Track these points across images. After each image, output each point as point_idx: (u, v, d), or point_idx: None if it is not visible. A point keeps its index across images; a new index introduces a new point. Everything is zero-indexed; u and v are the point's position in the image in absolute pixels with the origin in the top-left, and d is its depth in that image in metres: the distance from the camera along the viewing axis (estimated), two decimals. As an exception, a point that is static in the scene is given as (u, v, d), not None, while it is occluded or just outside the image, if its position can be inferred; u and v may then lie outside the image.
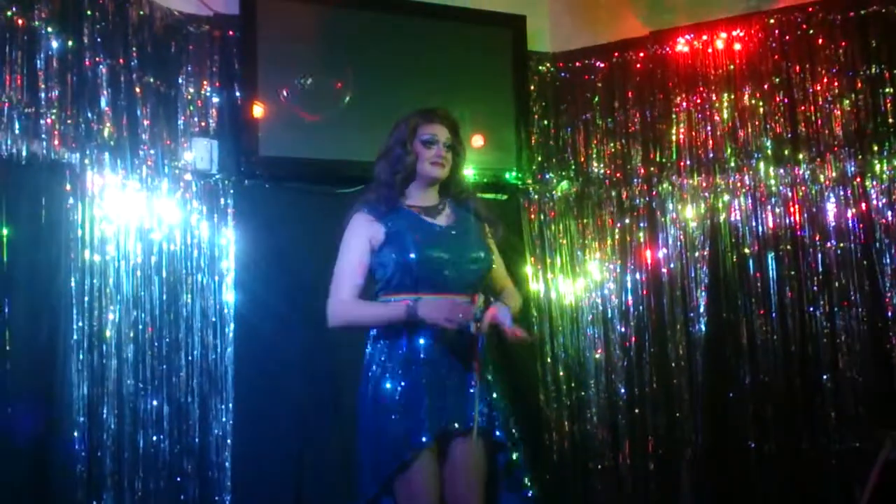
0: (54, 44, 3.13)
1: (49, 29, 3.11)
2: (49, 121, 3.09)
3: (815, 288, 3.75)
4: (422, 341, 2.56)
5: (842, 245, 3.73)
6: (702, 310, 3.95)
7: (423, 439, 2.47)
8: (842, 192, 3.75)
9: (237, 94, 3.68)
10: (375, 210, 2.65)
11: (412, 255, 2.55)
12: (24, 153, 2.98)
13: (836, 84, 3.78)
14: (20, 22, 3.02)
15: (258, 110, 3.59)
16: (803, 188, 3.83)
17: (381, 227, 2.61)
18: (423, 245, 2.57)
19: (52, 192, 3.10)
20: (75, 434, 3.06)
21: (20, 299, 2.94)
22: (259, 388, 3.53)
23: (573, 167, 4.28)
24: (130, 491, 3.21)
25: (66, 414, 3.04)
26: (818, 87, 3.82)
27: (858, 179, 3.72)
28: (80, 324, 3.13)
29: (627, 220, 4.15)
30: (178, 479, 3.36)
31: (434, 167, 2.68)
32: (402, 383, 2.53)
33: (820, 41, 3.83)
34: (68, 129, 3.16)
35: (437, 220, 2.68)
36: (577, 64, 4.32)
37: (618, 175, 4.20)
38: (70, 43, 3.19)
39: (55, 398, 3.04)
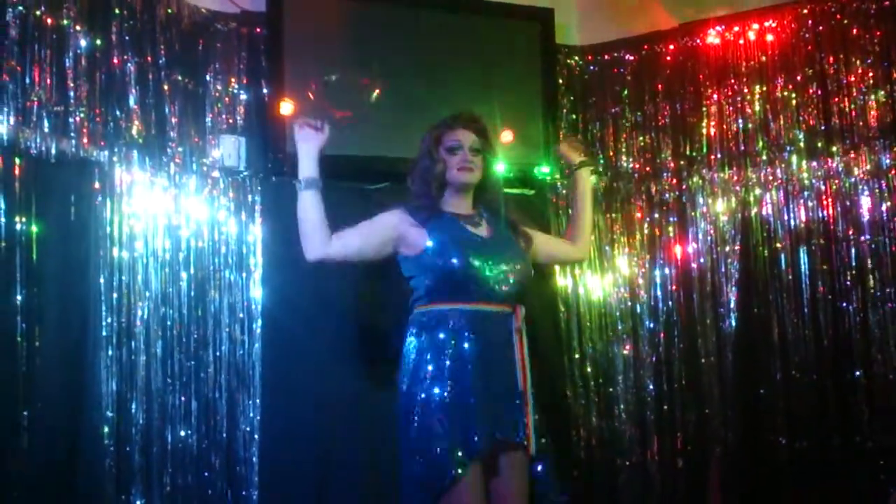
0: (83, 42, 3.16)
1: (77, 28, 3.15)
2: (78, 119, 3.12)
3: (848, 283, 3.68)
4: (467, 346, 2.54)
5: (876, 239, 3.65)
6: (732, 305, 3.90)
7: (470, 456, 2.46)
8: (876, 185, 3.67)
9: (265, 90, 3.68)
10: (417, 216, 2.65)
11: (455, 263, 2.55)
12: (53, 151, 3.03)
13: (870, 75, 3.70)
14: (49, 21, 3.06)
15: (286, 107, 3.59)
16: (837, 181, 3.76)
17: (423, 232, 2.62)
18: (467, 254, 2.57)
19: (80, 190, 3.14)
20: (104, 429, 3.10)
21: (50, 296, 2.99)
22: (286, 384, 3.54)
23: (602, 161, 4.23)
24: (159, 485, 3.24)
25: (95, 409, 3.09)
26: (852, 78, 3.74)
27: (893, 172, 3.64)
28: (109, 320, 3.17)
29: (657, 215, 4.11)
30: (206, 474, 3.39)
31: (461, 173, 2.68)
32: (450, 392, 2.51)
33: (854, 31, 3.75)
34: (97, 127, 3.19)
35: (477, 231, 2.67)
36: (606, 57, 4.27)
37: (647, 169, 4.15)
38: (98, 41, 3.22)
39: (84, 393, 3.08)
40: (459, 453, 2.44)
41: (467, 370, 2.52)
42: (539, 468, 2.61)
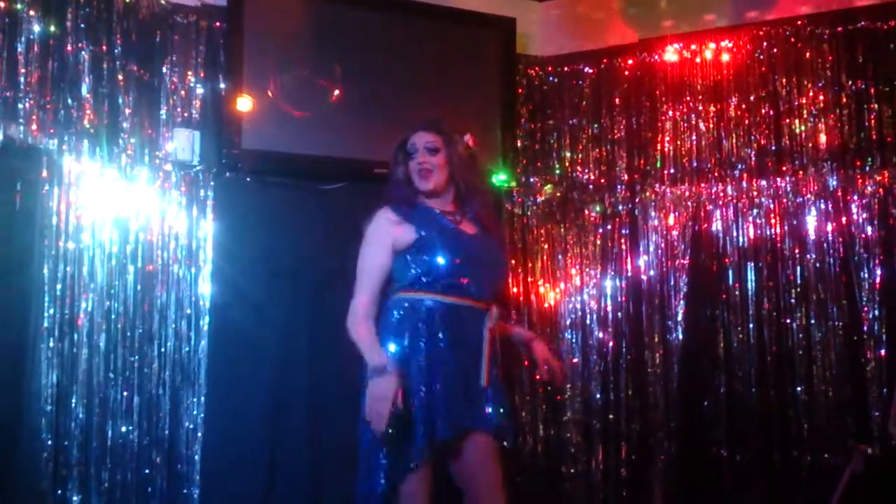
0: (36, 28, 3.12)
1: (31, 13, 3.10)
2: (28, 105, 3.08)
3: (793, 300, 3.76)
4: (440, 336, 2.53)
5: (821, 258, 3.73)
6: (680, 318, 3.96)
7: (432, 443, 2.46)
8: (823, 206, 3.76)
9: (221, 85, 3.65)
10: (399, 210, 2.61)
11: (442, 261, 2.53)
12: (0, 137, 2.96)
13: (821, 98, 3.79)
14: (1, 5, 3.01)
15: (242, 103, 3.57)
16: (785, 200, 3.84)
17: (410, 228, 2.58)
18: (453, 251, 2.55)
19: (27, 178, 3.09)
20: (42, 422, 3.04)
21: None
22: (232, 382, 3.51)
23: (557, 171, 4.27)
24: (97, 482, 3.19)
25: (33, 402, 3.03)
26: (803, 101, 3.83)
27: (840, 193, 3.73)
28: (52, 311, 3.11)
29: (609, 227, 4.16)
30: (147, 471, 3.33)
31: (421, 181, 2.63)
32: (419, 378, 2.49)
33: (807, 55, 3.83)
34: (47, 115, 3.15)
35: (463, 227, 2.65)
36: (566, 68, 4.31)
37: (602, 181, 4.20)
38: (52, 28, 3.17)
39: (23, 385, 3.02)
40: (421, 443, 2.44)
41: (438, 360, 2.52)
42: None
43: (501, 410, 2.59)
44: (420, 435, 2.44)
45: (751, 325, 3.81)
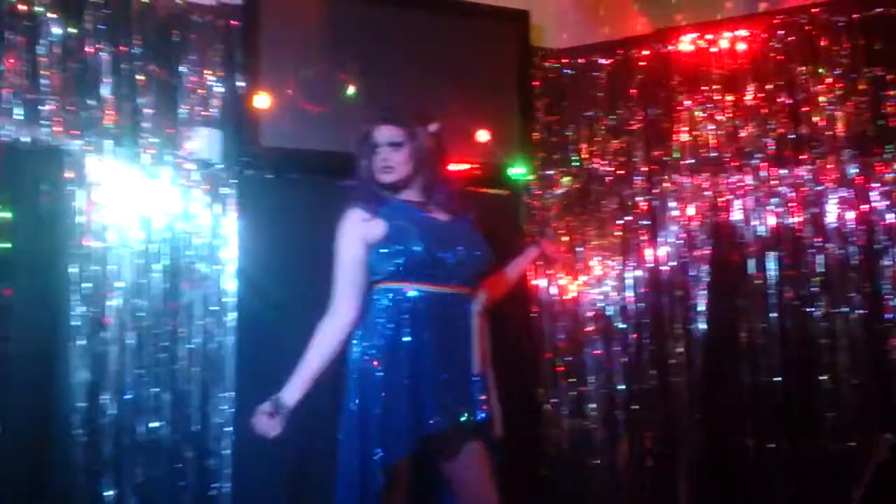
0: (56, 30, 3.14)
1: (51, 15, 3.12)
2: (50, 107, 3.10)
3: (815, 289, 3.75)
4: (424, 327, 2.52)
5: (842, 247, 3.72)
6: (701, 309, 3.95)
7: (418, 438, 2.46)
8: (843, 194, 3.75)
9: (240, 83, 3.66)
10: (368, 207, 2.61)
11: (416, 249, 2.52)
12: (25, 139, 2.99)
13: (839, 86, 3.78)
14: (22, 8, 3.03)
15: (261, 100, 3.59)
16: (804, 189, 3.83)
17: (380, 223, 2.58)
18: (428, 239, 2.54)
19: (52, 179, 3.11)
20: (75, 419, 3.08)
21: (21, 285, 2.96)
22: (260, 377, 3.49)
23: (575, 164, 4.27)
24: (130, 477, 3.22)
25: (65, 399, 3.06)
26: (821, 89, 3.82)
27: (860, 181, 3.72)
28: (81, 310, 3.14)
29: (629, 218, 4.15)
30: (178, 465, 3.36)
31: (382, 174, 2.63)
32: (402, 373, 2.49)
33: (823, 42, 3.82)
34: (69, 116, 3.17)
35: (434, 214, 2.64)
36: (582, 60, 4.30)
37: (619, 172, 4.19)
38: (72, 30, 3.20)
39: (55, 384, 3.05)
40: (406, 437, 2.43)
41: (424, 351, 2.50)
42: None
43: (489, 404, 2.58)
44: (406, 428, 2.43)
45: (773, 315, 3.81)
